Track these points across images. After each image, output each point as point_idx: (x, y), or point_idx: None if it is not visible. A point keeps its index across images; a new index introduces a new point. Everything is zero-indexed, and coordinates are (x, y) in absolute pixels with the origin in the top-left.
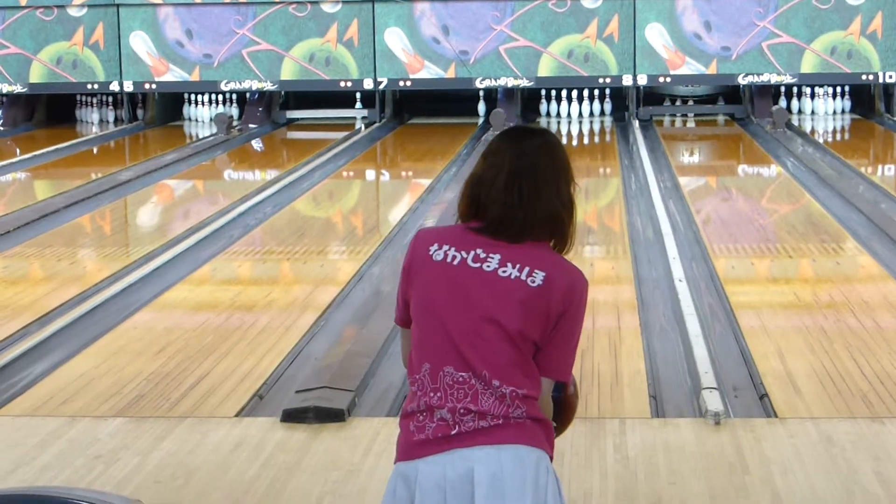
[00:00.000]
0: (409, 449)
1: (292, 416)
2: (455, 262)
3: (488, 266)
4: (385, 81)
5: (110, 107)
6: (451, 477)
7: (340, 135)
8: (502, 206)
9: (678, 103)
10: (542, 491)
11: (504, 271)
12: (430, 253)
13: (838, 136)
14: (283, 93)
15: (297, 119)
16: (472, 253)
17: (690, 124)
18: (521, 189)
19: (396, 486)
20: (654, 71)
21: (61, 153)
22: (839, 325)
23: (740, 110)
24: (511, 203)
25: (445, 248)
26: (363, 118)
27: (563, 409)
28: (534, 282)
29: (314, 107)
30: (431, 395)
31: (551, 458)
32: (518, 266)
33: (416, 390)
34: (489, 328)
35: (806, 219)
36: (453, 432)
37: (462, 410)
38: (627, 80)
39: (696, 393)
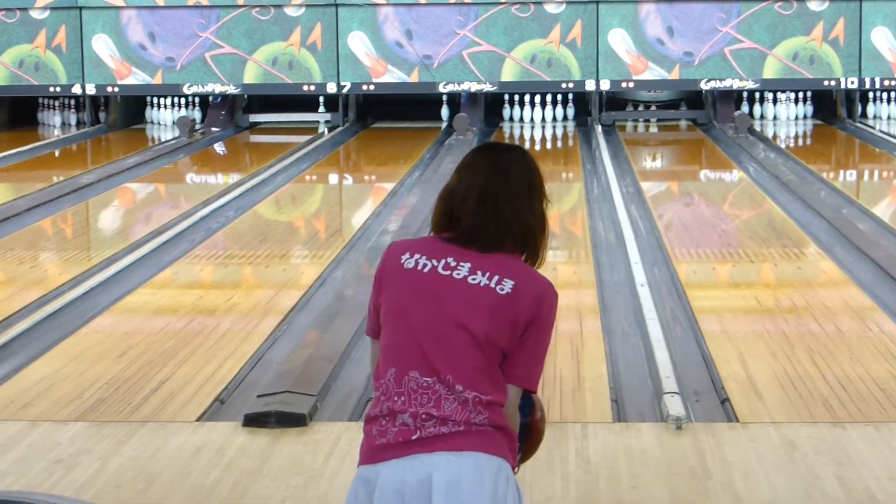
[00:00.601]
0: (371, 453)
1: (254, 421)
2: (425, 270)
3: (458, 274)
4: (348, 85)
5: (72, 110)
6: (411, 482)
7: (303, 139)
8: (474, 217)
9: (640, 108)
10: (500, 499)
11: (474, 279)
12: (402, 261)
13: (800, 142)
14: (245, 96)
15: (260, 123)
16: (443, 261)
17: (653, 129)
18: (494, 202)
19: (358, 490)
20: (616, 76)
21: (23, 156)
22: (800, 330)
23: (702, 115)
24: (483, 215)
25: (416, 256)
26: (326, 122)
27: (531, 433)
28: (503, 289)
29: (277, 110)
30: (395, 399)
31: (513, 468)
32: (488, 274)
33: (380, 395)
34: (457, 333)
35: (768, 224)
36: (414, 437)
37: (424, 416)
38: (590, 85)
39: (657, 397)
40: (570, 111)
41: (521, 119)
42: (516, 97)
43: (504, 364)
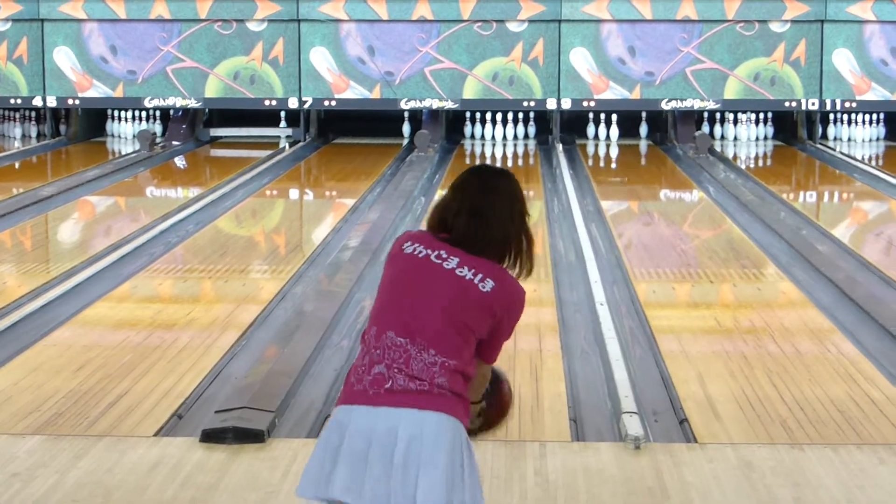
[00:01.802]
0: (348, 396)
1: (211, 437)
2: (420, 255)
3: (448, 264)
4: (310, 101)
5: (33, 122)
6: (378, 430)
7: (264, 153)
8: (465, 228)
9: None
10: (457, 456)
11: (461, 271)
12: (403, 248)
13: (761, 163)
14: (206, 110)
15: (221, 137)
16: (436, 252)
17: (614, 149)
18: (482, 217)
19: (331, 432)
20: (578, 95)
21: None
22: (759, 351)
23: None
24: (472, 227)
25: (416, 245)
26: (288, 137)
27: (497, 405)
28: (484, 287)
29: (238, 125)
30: (374, 352)
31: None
32: (473, 271)
33: (362, 349)
34: (437, 309)
35: (727, 244)
36: (386, 386)
37: (396, 369)
38: (552, 104)
39: (616, 417)
40: (532, 129)
41: (483, 137)
42: (478, 115)
43: (477, 346)
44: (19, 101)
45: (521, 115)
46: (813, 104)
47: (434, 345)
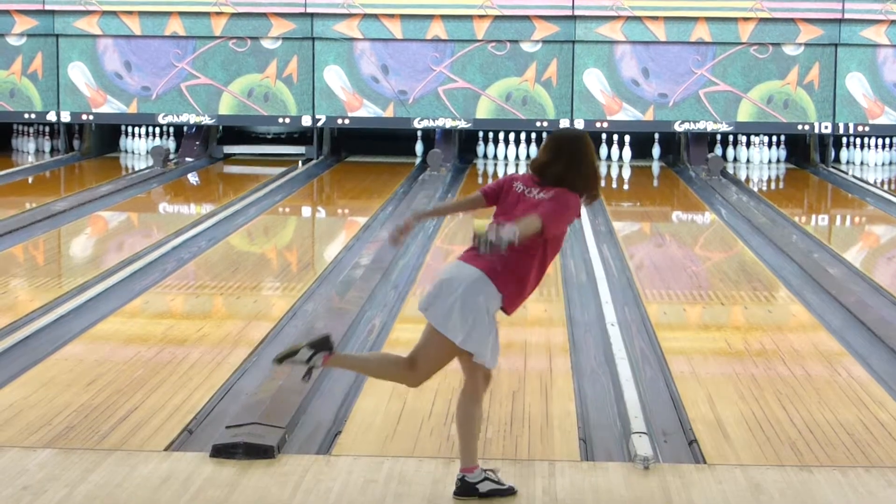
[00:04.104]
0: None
1: (222, 452)
2: (518, 191)
3: (530, 194)
4: (323, 119)
5: (47, 137)
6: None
7: (277, 171)
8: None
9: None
10: (472, 290)
11: (539, 195)
12: (514, 186)
13: (773, 185)
14: (220, 127)
15: (234, 154)
16: (527, 188)
17: (626, 170)
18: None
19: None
20: (591, 116)
21: None
22: (769, 373)
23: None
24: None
25: (518, 183)
26: (300, 155)
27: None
28: (544, 196)
29: (253, 143)
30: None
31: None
32: (543, 192)
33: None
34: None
35: (739, 266)
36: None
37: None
38: (565, 125)
39: (625, 437)
40: None
41: (495, 156)
42: (491, 134)
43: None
44: (33, 115)
45: (533, 136)
46: (826, 127)
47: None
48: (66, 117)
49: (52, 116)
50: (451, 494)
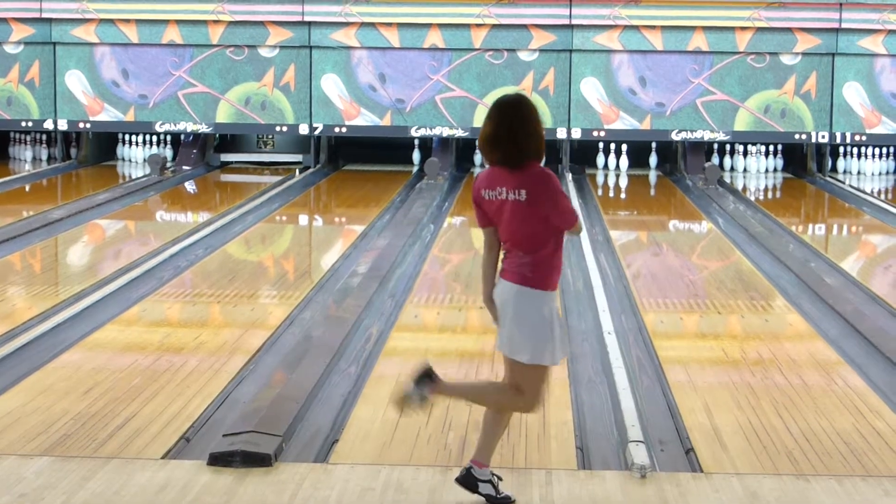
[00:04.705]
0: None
1: (219, 460)
2: (489, 199)
3: (502, 195)
4: (320, 127)
5: (44, 145)
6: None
7: (274, 179)
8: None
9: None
10: (514, 303)
11: (511, 195)
12: (482, 194)
13: (770, 195)
14: (217, 135)
15: (231, 162)
16: (496, 189)
17: (623, 179)
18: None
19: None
20: (588, 125)
21: None
22: (766, 382)
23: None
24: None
25: (485, 190)
26: (297, 163)
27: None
28: (521, 197)
29: (250, 151)
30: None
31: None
32: (514, 190)
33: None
34: (515, 228)
35: (736, 275)
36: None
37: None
38: (562, 134)
39: (622, 446)
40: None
41: None
42: None
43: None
44: (30, 123)
45: None
46: (823, 137)
47: (519, 247)
48: (63, 125)
49: (49, 124)
50: (449, 501)
